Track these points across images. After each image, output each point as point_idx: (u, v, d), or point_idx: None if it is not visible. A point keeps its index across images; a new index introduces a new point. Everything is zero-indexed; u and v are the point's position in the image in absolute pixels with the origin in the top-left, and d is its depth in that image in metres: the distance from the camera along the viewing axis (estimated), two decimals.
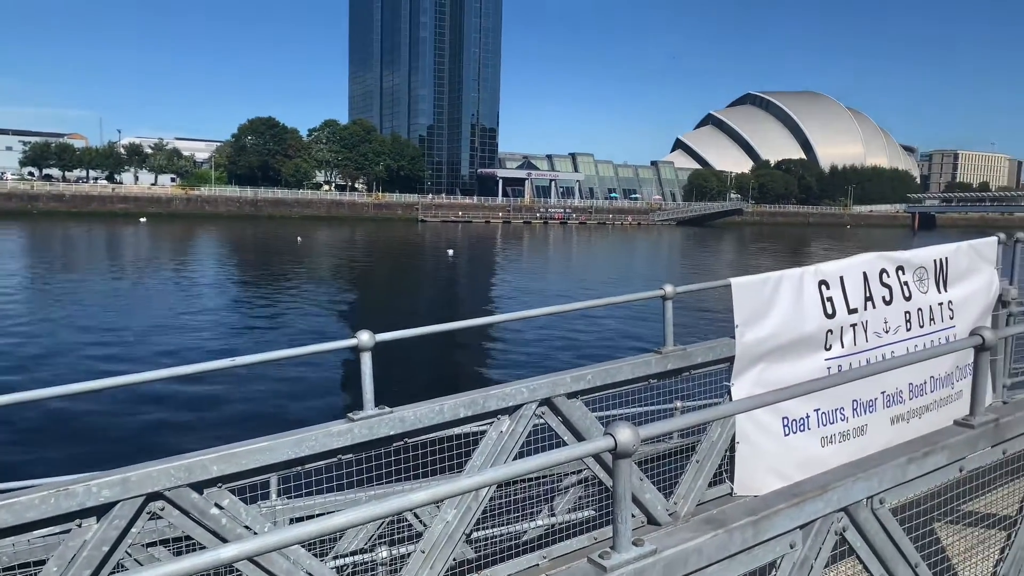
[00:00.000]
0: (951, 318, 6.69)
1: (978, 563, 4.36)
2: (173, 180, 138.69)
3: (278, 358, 5.01)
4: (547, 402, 5.60)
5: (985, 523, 4.45)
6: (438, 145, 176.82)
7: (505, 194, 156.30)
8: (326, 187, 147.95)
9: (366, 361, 4.93)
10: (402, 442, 5.06)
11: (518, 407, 5.44)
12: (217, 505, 4.50)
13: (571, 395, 5.72)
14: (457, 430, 5.25)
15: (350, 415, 4.91)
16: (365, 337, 4.90)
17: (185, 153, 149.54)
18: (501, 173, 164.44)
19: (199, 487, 4.43)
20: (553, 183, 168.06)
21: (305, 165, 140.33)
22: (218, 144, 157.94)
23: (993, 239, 7.37)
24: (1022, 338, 8.63)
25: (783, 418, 5.58)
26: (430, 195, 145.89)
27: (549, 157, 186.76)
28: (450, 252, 67.46)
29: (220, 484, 4.51)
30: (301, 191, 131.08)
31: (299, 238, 78.21)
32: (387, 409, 4.97)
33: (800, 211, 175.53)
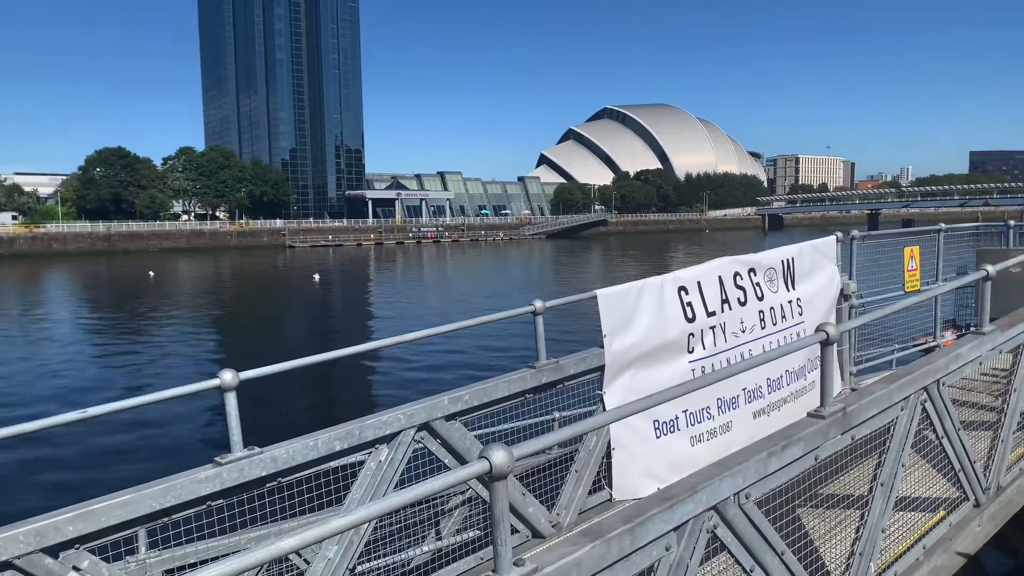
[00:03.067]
0: (800, 314, 7.14)
1: (838, 544, 4.64)
2: (15, 218, 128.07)
3: (136, 405, 4.68)
4: (426, 427, 5.53)
5: (841, 505, 4.75)
6: (302, 168, 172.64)
7: (375, 215, 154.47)
8: (185, 217, 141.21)
9: (231, 401, 4.69)
10: (276, 482, 4.85)
11: (396, 434, 5.34)
12: (75, 568, 4.15)
13: (449, 417, 5.67)
14: (334, 464, 5.09)
15: (217, 459, 4.66)
16: (228, 376, 4.66)
17: (27, 189, 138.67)
18: (370, 194, 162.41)
19: (54, 551, 4.07)
20: (424, 202, 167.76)
21: (161, 195, 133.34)
22: (63, 177, 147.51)
23: (832, 238, 7.93)
24: (864, 327, 9.33)
25: (654, 421, 5.76)
26: (297, 220, 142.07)
27: (418, 176, 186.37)
28: (316, 277, 65.81)
29: (78, 545, 4.16)
30: (158, 223, 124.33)
31: (151, 272, 73.90)
32: (257, 449, 4.75)
33: (660, 219, 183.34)
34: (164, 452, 17.42)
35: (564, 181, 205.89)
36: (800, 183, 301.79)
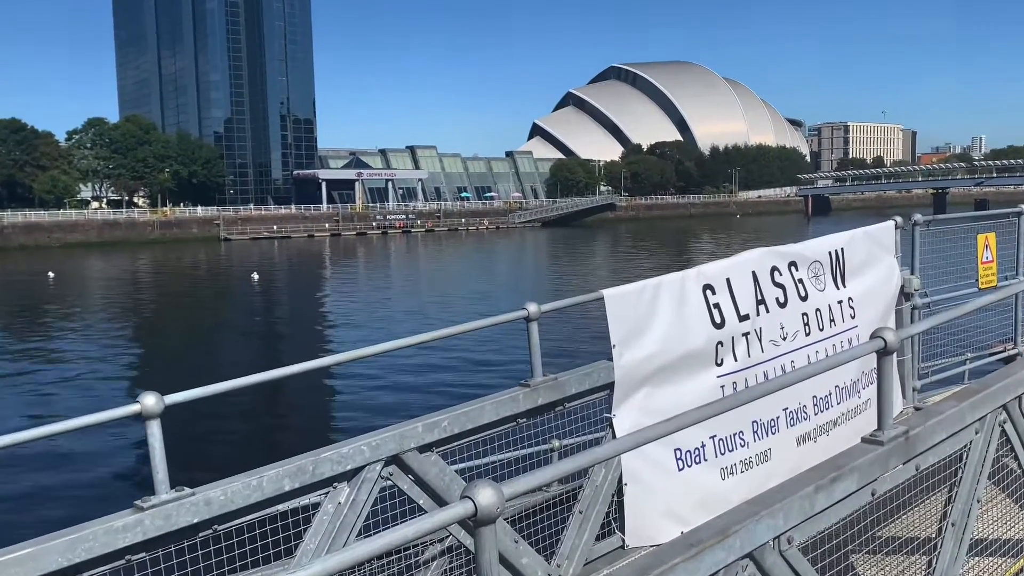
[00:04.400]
0: (852, 317, 7.18)
1: None
2: None
3: (37, 437, 4.65)
4: (395, 460, 5.52)
5: (904, 550, 4.77)
6: (240, 143, 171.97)
7: (331, 200, 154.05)
8: (96, 204, 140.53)
9: (154, 431, 4.67)
10: (211, 530, 4.82)
11: (359, 470, 5.33)
12: None
13: (424, 448, 5.67)
14: (283, 507, 5.07)
15: (138, 503, 4.63)
16: (151, 401, 4.64)
17: None
18: (324, 174, 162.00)
19: None
20: (390, 183, 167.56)
21: (65, 178, 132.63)
22: None
23: (890, 224, 7.99)
24: (930, 333, 9.39)
25: (675, 450, 5.78)
26: (234, 207, 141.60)
27: (383, 152, 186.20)
28: (255, 277, 65.70)
29: None
30: (62, 211, 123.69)
31: (51, 274, 73.42)
32: (187, 491, 4.73)
33: (680, 202, 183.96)
34: (73, 495, 17.34)
35: (562, 156, 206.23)
36: (850, 157, 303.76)
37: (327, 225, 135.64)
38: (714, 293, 6.01)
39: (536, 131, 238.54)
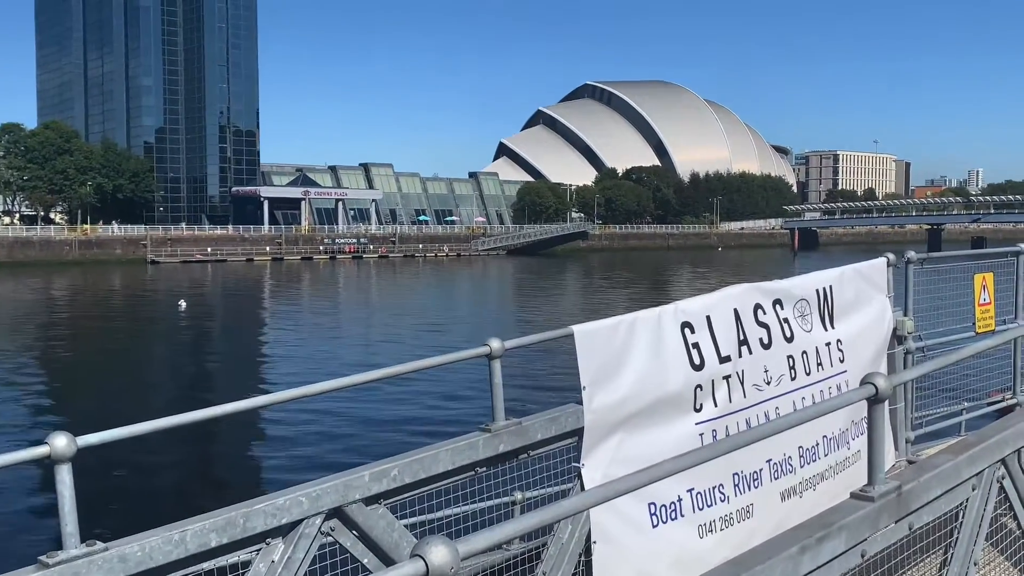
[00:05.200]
0: (842, 361, 7.24)
1: None
2: None
3: None
4: (338, 513, 5.45)
5: None
6: (173, 156, 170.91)
7: (273, 220, 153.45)
8: (7, 219, 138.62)
9: (64, 477, 4.56)
10: None
11: (296, 524, 5.25)
12: None
13: (371, 500, 5.60)
14: (209, 565, 4.97)
15: (44, 558, 4.51)
16: (61, 442, 4.53)
17: None
18: (266, 192, 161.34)
19: None
20: (341, 204, 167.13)
21: None
22: None
23: (881, 261, 8.09)
24: (924, 380, 9.51)
25: (649, 504, 5.76)
26: (164, 226, 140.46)
27: (333, 169, 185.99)
28: (182, 304, 65.15)
29: None
30: None
31: None
32: (99, 545, 4.61)
33: (657, 232, 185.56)
34: None
35: (530, 179, 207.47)
36: (839, 188, 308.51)
37: (268, 248, 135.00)
38: (693, 332, 6.03)
39: (503, 151, 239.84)
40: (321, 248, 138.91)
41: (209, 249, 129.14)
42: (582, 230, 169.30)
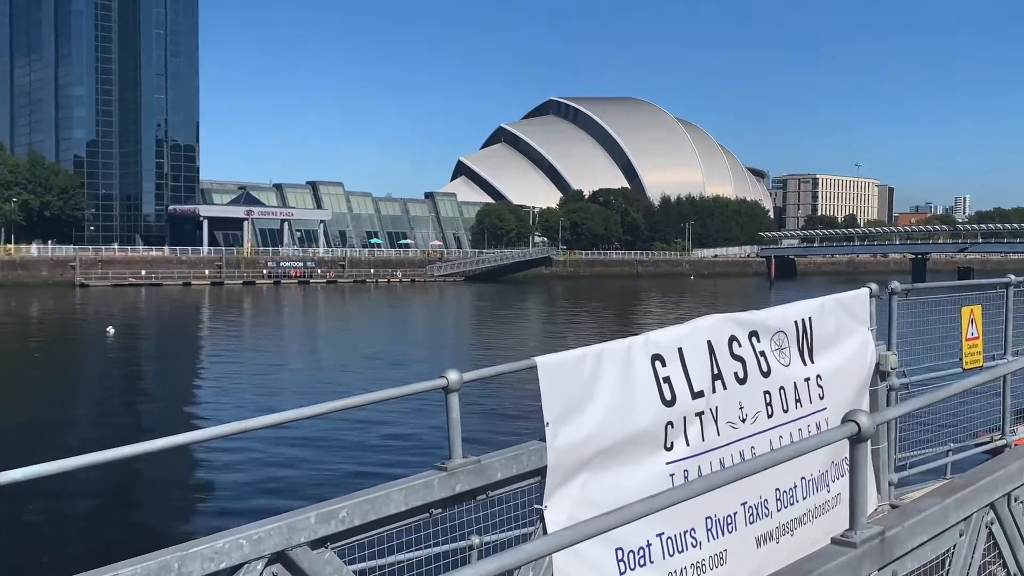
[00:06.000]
0: (821, 397, 7.30)
1: None
2: None
3: None
4: (281, 557, 5.38)
5: None
6: (106, 171, 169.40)
7: (213, 242, 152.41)
8: None
9: None
10: None
11: (236, 569, 5.18)
12: None
13: (317, 543, 5.55)
14: None
15: None
16: None
17: None
18: (206, 211, 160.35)
19: None
20: (286, 225, 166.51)
21: None
22: None
23: (864, 291, 8.19)
24: (909, 418, 9.59)
25: (616, 550, 5.76)
26: (95, 247, 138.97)
27: (279, 187, 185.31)
28: (110, 331, 64.46)
29: None
30: None
31: None
32: None
33: (626, 258, 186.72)
34: None
35: (491, 200, 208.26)
36: (819, 214, 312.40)
37: (207, 272, 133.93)
38: (664, 365, 6.05)
39: (461, 170, 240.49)
40: (265, 272, 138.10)
41: (143, 272, 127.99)
42: (546, 255, 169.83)
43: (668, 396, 6.04)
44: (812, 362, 7.22)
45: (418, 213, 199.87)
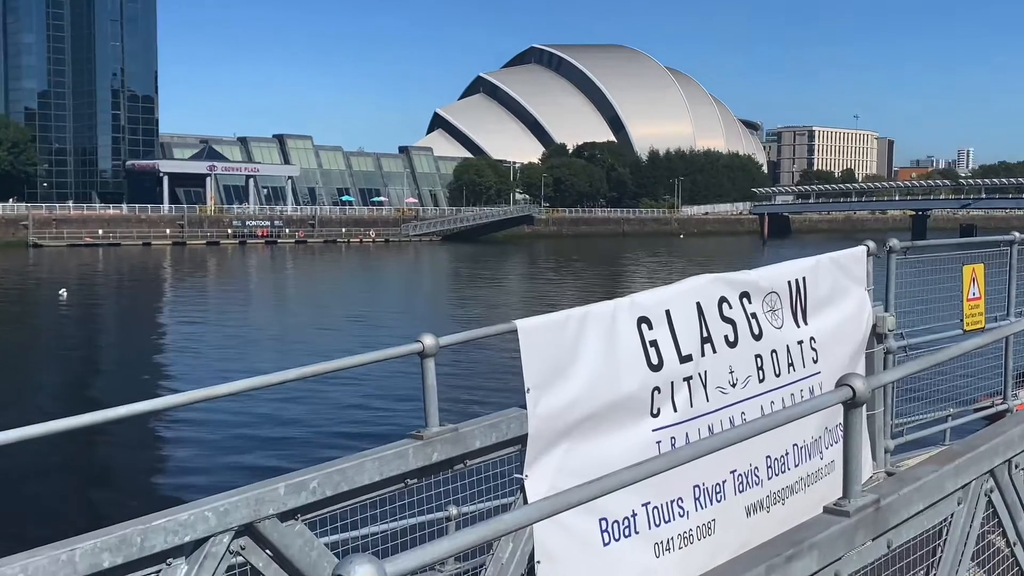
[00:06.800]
0: (815, 361, 7.34)
1: None
2: None
3: None
4: (249, 530, 5.41)
5: None
6: (59, 124, 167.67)
7: (174, 199, 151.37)
8: None
9: None
10: None
11: (201, 542, 5.20)
12: None
13: (287, 515, 5.57)
14: None
15: None
16: None
17: None
18: (166, 166, 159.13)
19: None
20: (252, 181, 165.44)
21: None
22: None
23: (861, 249, 8.21)
24: (906, 382, 9.67)
25: (600, 520, 5.80)
26: (49, 204, 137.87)
27: (243, 141, 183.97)
28: (62, 294, 64.16)
29: None
30: None
31: None
32: None
33: (612, 216, 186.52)
34: None
35: (469, 155, 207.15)
36: (815, 169, 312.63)
37: (168, 231, 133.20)
38: (651, 328, 6.06)
39: (438, 123, 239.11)
40: (229, 231, 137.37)
41: (100, 231, 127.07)
42: (527, 214, 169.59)
43: (655, 360, 6.06)
44: (806, 324, 7.25)
45: (392, 169, 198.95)
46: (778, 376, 6.93)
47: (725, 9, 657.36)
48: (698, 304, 6.37)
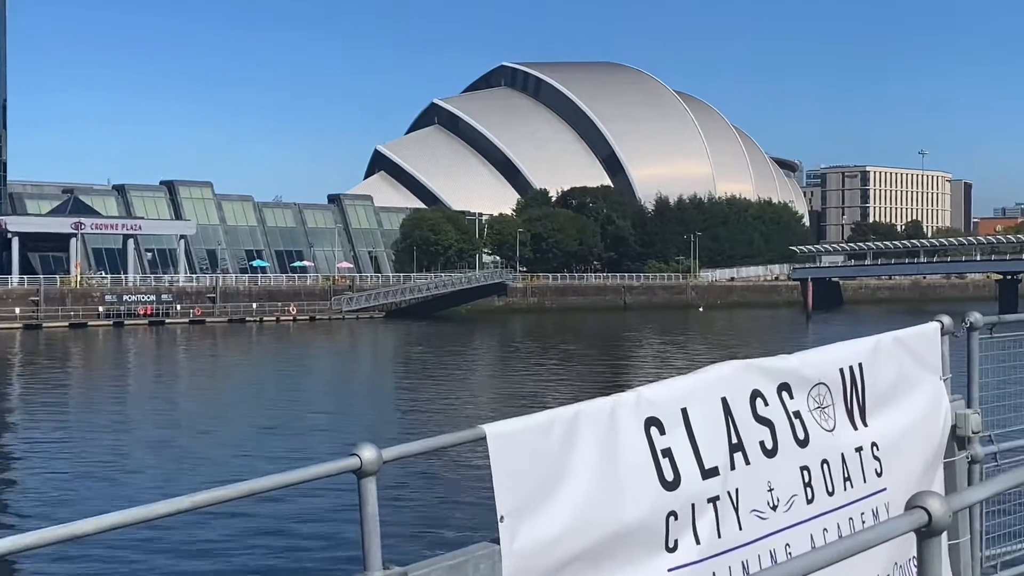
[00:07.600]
0: (879, 474, 7.35)
1: None
2: None
3: None
4: None
5: None
6: None
7: (27, 268, 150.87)
8: None
9: None
10: None
11: None
12: None
13: None
14: None
15: None
16: None
17: None
18: (16, 224, 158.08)
19: None
20: (132, 242, 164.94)
21: None
22: None
23: (933, 326, 8.25)
24: (998, 502, 9.65)
25: None
26: None
27: (120, 190, 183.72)
28: None
29: None
30: None
31: None
32: None
33: (608, 283, 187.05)
34: None
35: (421, 205, 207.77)
36: (871, 220, 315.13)
37: (18, 310, 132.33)
38: (663, 432, 6.05)
39: (380, 163, 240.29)
40: (101, 309, 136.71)
41: None
42: (498, 281, 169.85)
43: (669, 476, 6.05)
44: (865, 425, 7.27)
45: (319, 224, 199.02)
46: (831, 495, 6.92)
47: (750, 22, 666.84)
48: (724, 400, 6.37)
